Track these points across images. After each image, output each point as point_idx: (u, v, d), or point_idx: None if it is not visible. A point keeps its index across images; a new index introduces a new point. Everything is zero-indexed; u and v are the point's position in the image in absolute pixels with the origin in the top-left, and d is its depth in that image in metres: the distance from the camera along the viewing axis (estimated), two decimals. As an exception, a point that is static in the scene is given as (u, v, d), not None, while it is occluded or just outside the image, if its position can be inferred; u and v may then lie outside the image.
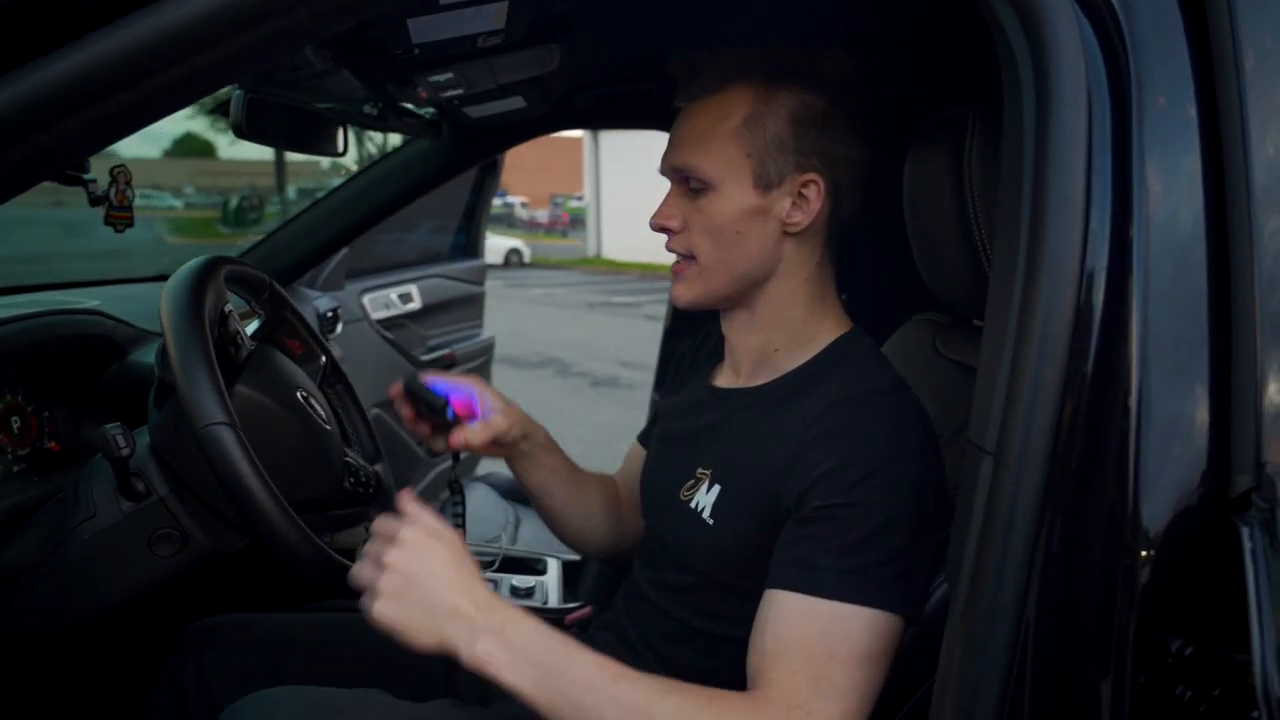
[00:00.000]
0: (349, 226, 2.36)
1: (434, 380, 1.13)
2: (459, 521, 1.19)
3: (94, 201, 1.41)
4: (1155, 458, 0.70)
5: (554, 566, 1.77)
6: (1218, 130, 0.72)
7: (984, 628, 0.76)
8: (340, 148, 1.73)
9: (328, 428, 1.19)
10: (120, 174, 1.43)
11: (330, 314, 2.42)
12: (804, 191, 1.00)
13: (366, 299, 2.87)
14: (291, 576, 1.03)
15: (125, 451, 0.97)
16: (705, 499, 1.04)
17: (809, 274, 1.05)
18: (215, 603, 1.31)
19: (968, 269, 1.08)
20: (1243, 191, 0.69)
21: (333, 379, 1.37)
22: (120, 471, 1.01)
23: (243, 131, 1.44)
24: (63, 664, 1.23)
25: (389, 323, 2.96)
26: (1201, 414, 0.70)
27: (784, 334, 1.06)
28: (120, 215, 1.43)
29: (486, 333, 3.56)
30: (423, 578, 0.84)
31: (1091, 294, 0.73)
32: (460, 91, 1.69)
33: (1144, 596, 0.71)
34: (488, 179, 3.43)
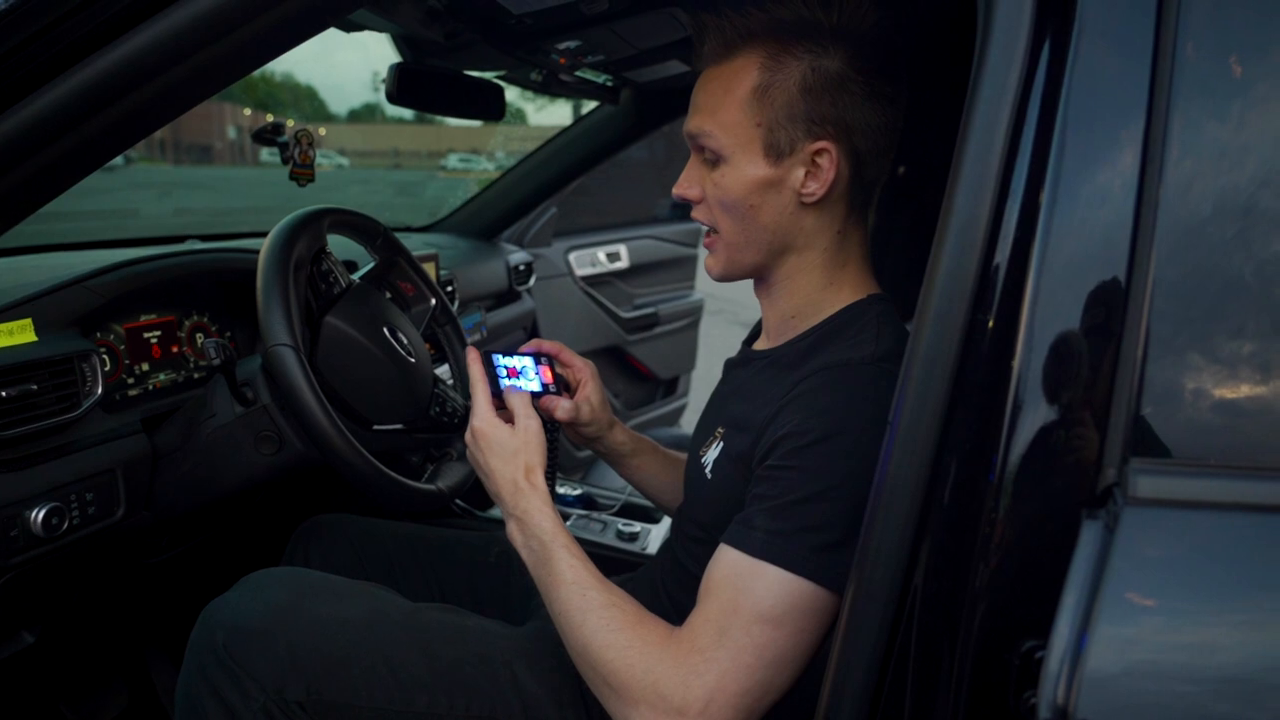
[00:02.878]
0: (541, 186, 2.56)
1: (546, 345, 1.22)
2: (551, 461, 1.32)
3: (285, 160, 1.68)
4: (1037, 447, 0.64)
5: (668, 521, 1.84)
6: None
7: (863, 604, 0.73)
8: (500, 112, 1.88)
9: (412, 360, 1.34)
10: (303, 137, 1.68)
11: (523, 267, 2.62)
12: (817, 160, 0.96)
13: (572, 256, 3.06)
14: (341, 479, 1.19)
15: (216, 361, 1.19)
16: (711, 455, 1.07)
17: (828, 243, 1.01)
18: (337, 503, 1.53)
19: None
20: (1153, 190, 0.61)
21: (442, 320, 1.53)
22: (229, 379, 1.23)
23: (394, 98, 1.64)
24: (211, 535, 1.51)
25: (594, 280, 3.14)
26: (1087, 403, 0.63)
27: (802, 301, 1.04)
28: (302, 172, 1.67)
29: (697, 294, 3.65)
30: (480, 464, 1.05)
31: (994, 269, 0.68)
32: (601, 58, 1.78)
33: (1005, 594, 0.65)
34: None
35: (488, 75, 1.87)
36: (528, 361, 1.18)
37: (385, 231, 1.44)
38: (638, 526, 1.79)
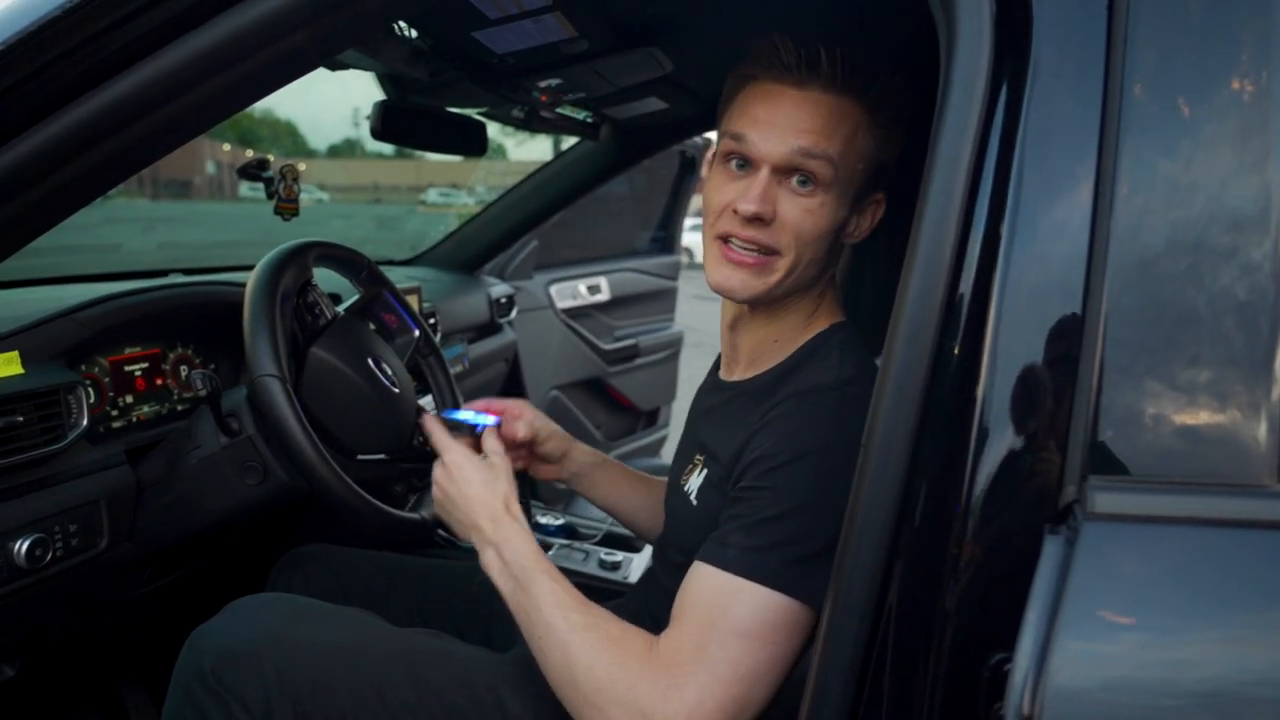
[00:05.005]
0: (522, 220, 2.60)
1: (477, 405, 1.26)
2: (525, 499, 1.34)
3: (270, 195, 1.71)
4: (1003, 468, 0.67)
5: (649, 550, 1.86)
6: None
7: (840, 620, 0.76)
8: (482, 148, 1.92)
9: (396, 391, 1.36)
10: (288, 172, 1.71)
11: (504, 299, 2.65)
12: (873, 209, 1.02)
13: (553, 289, 3.09)
14: (324, 510, 1.20)
15: (203, 392, 1.20)
16: (694, 483, 1.09)
17: (825, 277, 1.07)
18: (318, 534, 1.54)
19: None
20: (1104, 224, 0.65)
21: (425, 350, 1.55)
22: (215, 410, 1.24)
23: (378, 134, 1.67)
24: (193, 568, 1.51)
25: (575, 312, 3.17)
26: (1048, 425, 0.66)
27: (784, 327, 1.08)
28: (287, 206, 1.70)
29: (677, 326, 3.68)
30: (454, 496, 1.07)
31: (960, 297, 0.71)
32: (582, 95, 1.83)
33: (975, 609, 0.68)
34: (685, 178, 3.55)
35: (470, 112, 1.91)
36: (471, 412, 1.23)
37: (369, 264, 1.47)
38: (620, 555, 1.80)
